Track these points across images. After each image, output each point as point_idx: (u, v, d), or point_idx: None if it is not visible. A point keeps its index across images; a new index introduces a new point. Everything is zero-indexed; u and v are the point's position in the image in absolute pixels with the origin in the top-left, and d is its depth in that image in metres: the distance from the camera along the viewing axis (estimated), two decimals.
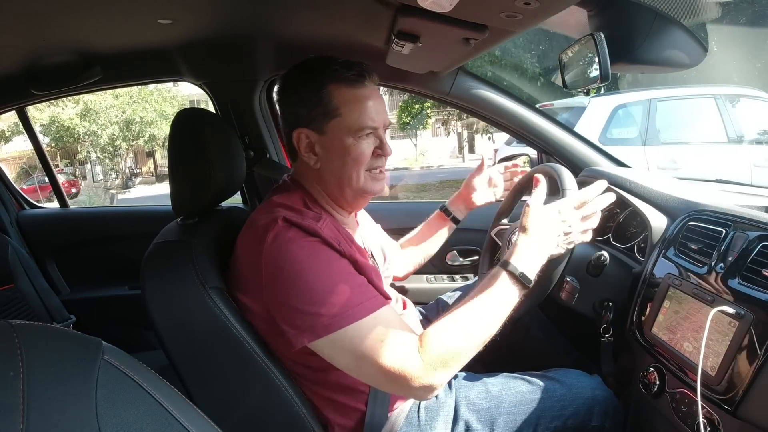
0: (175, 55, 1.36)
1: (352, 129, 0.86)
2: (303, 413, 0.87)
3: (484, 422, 0.93)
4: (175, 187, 0.97)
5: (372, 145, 0.88)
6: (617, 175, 1.19)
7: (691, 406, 0.79)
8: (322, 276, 0.77)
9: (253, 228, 0.85)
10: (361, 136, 0.87)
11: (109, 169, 17.22)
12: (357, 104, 0.86)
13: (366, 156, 0.88)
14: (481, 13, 0.78)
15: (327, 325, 0.75)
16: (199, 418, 0.49)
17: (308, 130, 0.88)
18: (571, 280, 0.99)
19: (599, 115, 4.11)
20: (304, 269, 0.77)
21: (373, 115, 0.87)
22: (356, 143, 0.87)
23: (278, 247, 0.78)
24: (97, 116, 14.62)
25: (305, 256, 0.78)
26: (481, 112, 1.48)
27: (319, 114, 0.86)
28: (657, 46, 0.87)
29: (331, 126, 0.87)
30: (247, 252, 0.85)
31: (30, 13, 0.93)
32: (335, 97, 0.86)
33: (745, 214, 0.87)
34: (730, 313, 0.74)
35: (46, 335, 0.44)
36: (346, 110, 0.86)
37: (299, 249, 0.78)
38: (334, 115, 0.86)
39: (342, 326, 0.75)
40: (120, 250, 1.79)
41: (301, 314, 0.76)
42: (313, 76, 0.87)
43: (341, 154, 0.87)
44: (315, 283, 0.77)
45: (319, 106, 0.86)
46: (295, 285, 0.77)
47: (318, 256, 0.79)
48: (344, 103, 0.86)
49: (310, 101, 0.87)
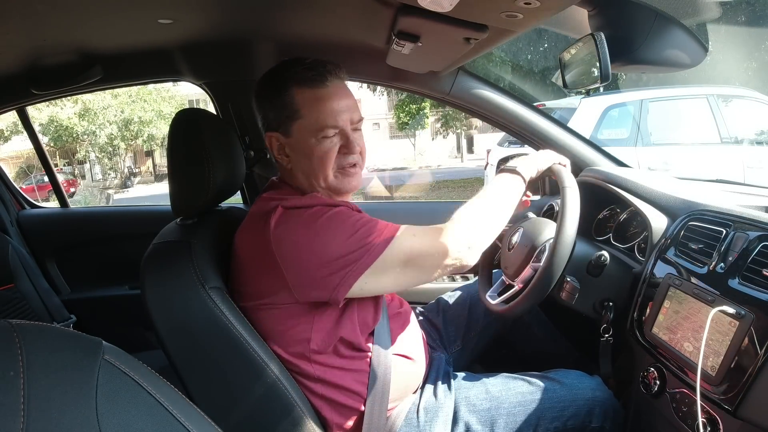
0: (176, 55, 1.36)
1: (313, 129, 0.88)
2: (302, 413, 0.87)
3: (484, 423, 0.93)
4: (175, 187, 0.97)
5: (337, 143, 0.89)
6: (617, 175, 1.19)
7: (692, 406, 0.79)
8: (337, 229, 0.82)
9: (253, 221, 0.88)
10: (324, 136, 0.88)
11: (108, 169, 17.21)
12: (316, 104, 0.87)
13: (330, 155, 0.89)
14: (481, 13, 0.78)
15: (361, 265, 0.81)
16: (199, 418, 0.49)
17: (277, 133, 0.91)
18: (571, 280, 0.99)
19: (590, 116, 4.08)
20: (318, 232, 0.82)
21: (334, 115, 0.88)
22: (318, 143, 0.88)
23: (284, 228, 0.82)
24: (96, 116, 14.62)
25: (313, 223, 0.82)
26: (481, 112, 1.47)
27: (284, 116, 0.89)
28: (657, 46, 0.87)
29: (295, 127, 0.89)
30: (250, 243, 0.87)
31: (30, 13, 0.93)
32: (296, 99, 0.88)
33: (745, 214, 0.87)
34: (730, 313, 0.74)
35: (46, 335, 0.43)
36: (306, 111, 0.88)
37: (306, 221, 0.83)
38: (297, 117, 0.88)
39: (375, 258, 0.81)
40: (120, 249, 1.79)
41: (332, 269, 0.81)
42: (277, 79, 0.89)
43: (307, 155, 0.89)
44: (334, 236, 0.82)
45: (284, 109, 0.88)
46: (316, 248, 0.81)
47: (325, 217, 0.83)
48: (304, 104, 0.88)
49: (276, 105, 0.89)
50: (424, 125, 15.44)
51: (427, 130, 16.33)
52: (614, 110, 4.21)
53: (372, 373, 0.91)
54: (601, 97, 4.27)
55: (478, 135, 16.25)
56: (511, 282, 1.09)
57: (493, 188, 0.97)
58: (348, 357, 0.91)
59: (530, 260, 1.04)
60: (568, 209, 0.96)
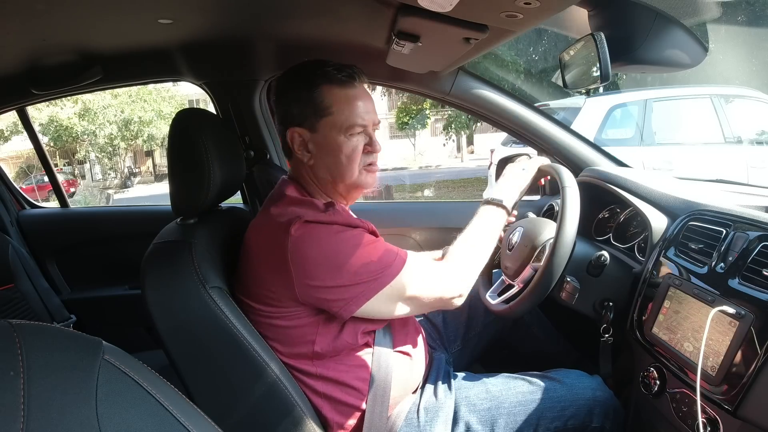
0: (176, 55, 1.36)
1: (342, 126, 0.90)
2: (303, 413, 0.87)
3: (484, 423, 0.93)
4: (175, 187, 0.97)
5: (362, 142, 0.92)
6: (617, 175, 1.19)
7: (692, 406, 0.79)
8: (352, 252, 0.85)
9: (270, 223, 0.88)
10: (352, 134, 0.91)
11: (108, 169, 17.20)
12: (347, 103, 0.90)
13: (357, 152, 0.92)
14: (481, 13, 0.78)
15: (371, 290, 0.85)
16: (199, 418, 0.49)
17: (301, 128, 0.92)
18: (571, 280, 0.99)
19: (594, 116, 4.08)
20: (336, 252, 0.84)
21: (362, 114, 0.91)
22: (347, 140, 0.91)
23: (303, 241, 0.83)
24: (96, 116, 14.60)
25: (332, 242, 0.85)
26: (481, 112, 1.47)
27: (311, 113, 0.90)
28: (657, 46, 0.87)
29: (322, 124, 0.91)
30: (266, 246, 0.88)
31: (30, 13, 0.93)
32: (327, 97, 0.90)
33: (745, 214, 0.87)
34: (730, 313, 0.74)
35: (46, 335, 0.43)
36: (337, 109, 0.90)
37: (325, 238, 0.85)
38: (326, 114, 0.90)
39: (384, 285, 0.85)
40: (120, 250, 1.79)
41: (343, 289, 0.84)
42: (306, 76, 0.91)
43: (333, 151, 0.91)
44: (348, 258, 0.84)
45: (311, 105, 0.90)
46: (332, 266, 0.84)
47: (343, 237, 0.86)
48: (335, 102, 0.90)
49: (303, 100, 0.90)
50: (425, 125, 15.43)
51: (427, 130, 16.32)
52: (618, 110, 4.22)
53: (373, 370, 0.92)
54: (606, 97, 4.28)
55: (477, 135, 16.24)
56: (511, 282, 1.09)
57: (482, 228, 1.01)
58: (350, 355, 0.91)
59: (530, 260, 1.04)
60: (568, 209, 0.96)
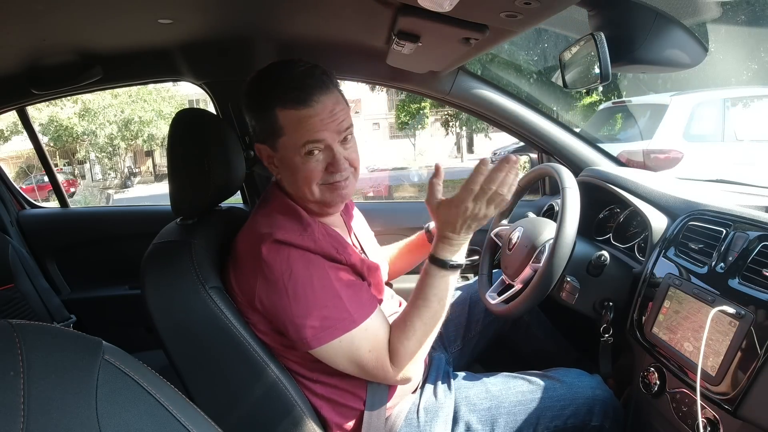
0: (176, 54, 1.36)
1: (296, 146, 0.84)
2: (303, 412, 0.87)
3: (484, 422, 0.93)
4: (175, 187, 0.97)
5: (323, 161, 0.86)
6: (617, 175, 1.19)
7: (692, 406, 0.79)
8: (315, 289, 0.82)
9: (252, 234, 0.88)
10: (310, 152, 0.84)
11: (108, 169, 17.20)
12: (300, 124, 0.84)
13: (316, 173, 0.86)
14: (481, 13, 0.78)
15: (320, 337, 0.82)
16: (199, 418, 0.49)
17: (264, 145, 0.90)
18: (571, 279, 0.99)
19: (682, 113, 4.20)
20: (299, 283, 0.82)
21: (318, 130, 0.84)
22: (304, 161, 0.85)
23: (270, 260, 0.82)
24: (96, 116, 14.60)
25: (300, 271, 0.82)
26: (481, 112, 1.47)
27: (269, 132, 0.87)
28: (657, 45, 0.87)
29: (280, 144, 0.86)
30: (246, 252, 0.87)
31: (30, 13, 0.93)
32: (279, 118, 0.84)
33: (745, 214, 0.87)
34: (730, 313, 0.74)
35: (46, 335, 0.43)
36: (290, 130, 0.84)
37: (294, 264, 0.82)
38: (281, 134, 0.85)
39: (334, 338, 0.82)
40: (120, 249, 1.79)
41: (297, 326, 0.82)
42: (261, 99, 0.87)
43: (293, 171, 0.87)
44: (309, 296, 0.82)
45: (268, 125, 0.86)
46: (293, 298, 0.81)
47: (311, 269, 0.83)
48: (288, 123, 0.84)
49: (261, 120, 0.87)
50: (424, 125, 15.43)
51: (427, 130, 16.32)
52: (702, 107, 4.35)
53: None
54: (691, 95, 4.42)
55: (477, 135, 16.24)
56: (511, 282, 1.10)
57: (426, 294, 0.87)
58: None
59: (530, 260, 1.04)
60: (568, 209, 0.96)
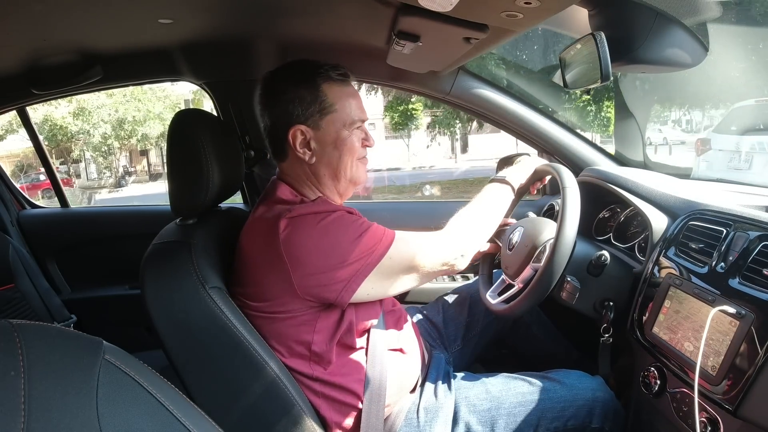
0: (176, 54, 1.36)
1: (346, 122, 0.94)
2: (302, 411, 0.87)
3: (484, 423, 0.93)
4: (174, 187, 0.97)
5: (360, 136, 0.97)
6: (618, 175, 1.19)
7: (692, 405, 0.79)
8: (341, 235, 0.87)
9: (259, 224, 0.89)
10: (354, 129, 0.95)
11: (104, 168, 17.16)
12: (348, 100, 0.95)
13: (358, 146, 0.96)
14: (481, 13, 0.78)
15: (367, 267, 0.86)
16: (199, 418, 0.49)
17: (305, 126, 0.92)
18: (571, 279, 0.99)
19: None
20: (324, 237, 0.86)
21: (361, 109, 0.97)
22: (351, 135, 0.95)
23: (293, 232, 0.85)
24: (90, 115, 14.53)
25: (320, 228, 0.86)
26: (481, 111, 1.47)
27: (316, 111, 0.92)
28: (658, 45, 0.87)
29: (326, 121, 0.93)
30: (258, 246, 0.88)
31: (30, 13, 0.93)
32: (330, 95, 0.93)
33: (745, 214, 0.87)
34: (730, 312, 0.74)
35: (46, 335, 0.43)
36: (340, 106, 0.93)
37: (313, 227, 0.86)
38: (330, 111, 0.93)
39: (378, 260, 0.87)
40: (120, 249, 1.79)
41: (338, 272, 0.85)
42: (306, 76, 0.93)
43: (338, 147, 0.94)
44: (338, 241, 0.86)
45: (315, 104, 0.92)
46: (323, 251, 0.85)
47: (331, 224, 0.87)
48: (338, 99, 0.93)
49: (306, 99, 0.92)
50: (418, 126, 15.39)
51: (422, 131, 16.28)
52: None
53: (368, 370, 0.92)
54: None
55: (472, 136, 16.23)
56: (511, 282, 1.09)
57: (484, 197, 1.05)
58: (346, 356, 0.92)
59: (530, 260, 1.04)
60: (569, 209, 0.96)
